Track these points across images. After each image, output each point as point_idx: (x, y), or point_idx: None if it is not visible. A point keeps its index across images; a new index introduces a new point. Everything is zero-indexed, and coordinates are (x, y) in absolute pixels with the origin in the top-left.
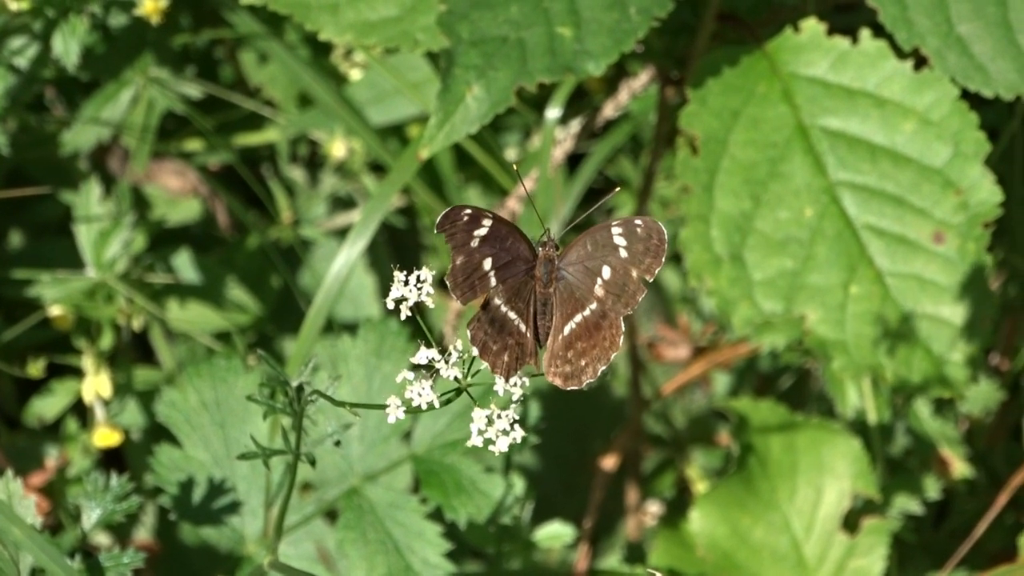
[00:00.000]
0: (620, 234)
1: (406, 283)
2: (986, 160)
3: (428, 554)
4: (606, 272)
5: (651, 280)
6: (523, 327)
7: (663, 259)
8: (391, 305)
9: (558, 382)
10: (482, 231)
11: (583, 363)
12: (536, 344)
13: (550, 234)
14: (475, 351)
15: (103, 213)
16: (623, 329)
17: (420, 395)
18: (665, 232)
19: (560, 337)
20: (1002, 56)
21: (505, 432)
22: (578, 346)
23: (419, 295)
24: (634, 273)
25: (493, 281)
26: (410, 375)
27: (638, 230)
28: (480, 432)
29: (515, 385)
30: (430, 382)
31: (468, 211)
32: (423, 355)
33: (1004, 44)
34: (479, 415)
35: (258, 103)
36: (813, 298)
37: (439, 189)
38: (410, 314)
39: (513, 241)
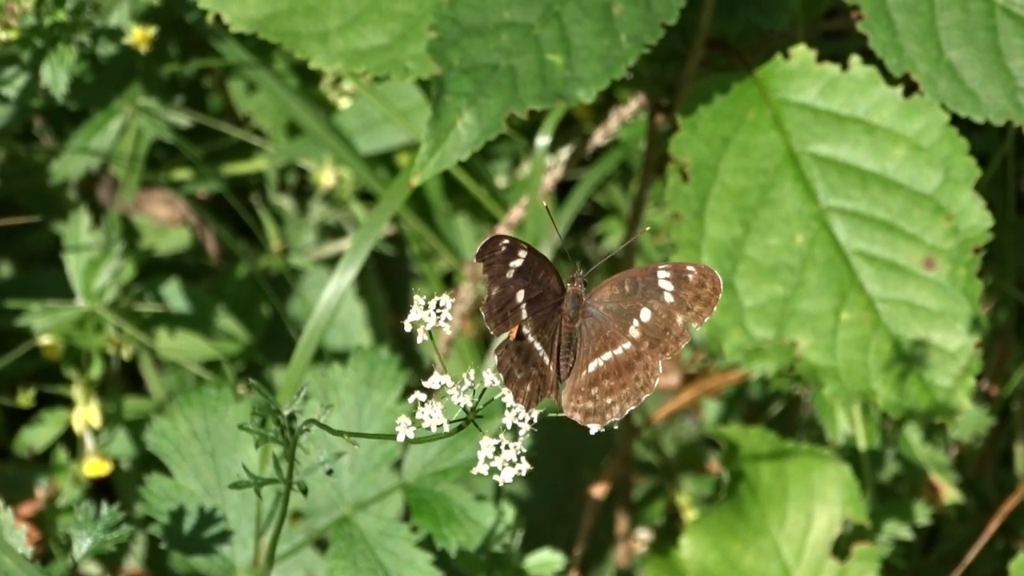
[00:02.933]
0: (667, 278)
1: (426, 307)
2: (976, 185)
3: None
4: (645, 315)
5: (698, 328)
6: (547, 359)
7: (714, 308)
8: (408, 328)
9: (577, 417)
10: (517, 262)
11: (609, 401)
12: (557, 378)
13: (580, 271)
14: (501, 378)
15: (92, 243)
16: (659, 372)
17: (431, 417)
18: (720, 280)
19: (584, 373)
20: (992, 82)
21: (511, 463)
22: (605, 384)
23: (438, 320)
24: (679, 319)
25: (524, 314)
26: (422, 396)
27: (690, 277)
28: (487, 460)
29: (523, 420)
30: (441, 405)
31: (506, 241)
32: (436, 380)
33: (994, 70)
34: (487, 443)
35: (247, 132)
36: (804, 324)
37: (428, 217)
38: (427, 338)
39: (544, 274)
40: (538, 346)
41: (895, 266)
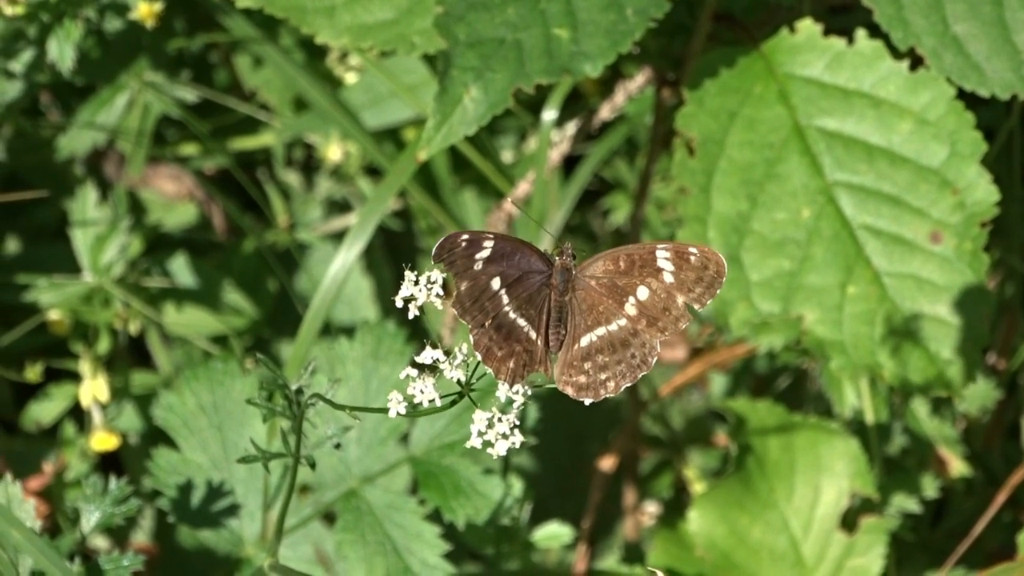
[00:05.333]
0: (667, 258)
1: (416, 283)
2: (983, 159)
3: (427, 555)
4: (642, 292)
5: (700, 310)
6: (533, 334)
7: (717, 290)
8: (400, 303)
9: (570, 391)
10: (484, 252)
11: (603, 376)
12: (547, 352)
13: (568, 244)
14: (479, 356)
15: (99, 218)
16: (657, 351)
17: (423, 392)
18: (724, 264)
19: (577, 347)
20: (998, 56)
21: (504, 436)
22: (599, 359)
23: (428, 296)
24: (680, 299)
25: (505, 299)
26: (413, 372)
27: (692, 258)
28: (480, 434)
29: (516, 392)
30: (432, 380)
31: (465, 236)
32: (427, 355)
33: (1000, 44)
34: (480, 417)
35: (253, 107)
36: (810, 298)
37: (435, 192)
38: (418, 313)
39: (521, 255)
40: (521, 321)
41: (901, 240)
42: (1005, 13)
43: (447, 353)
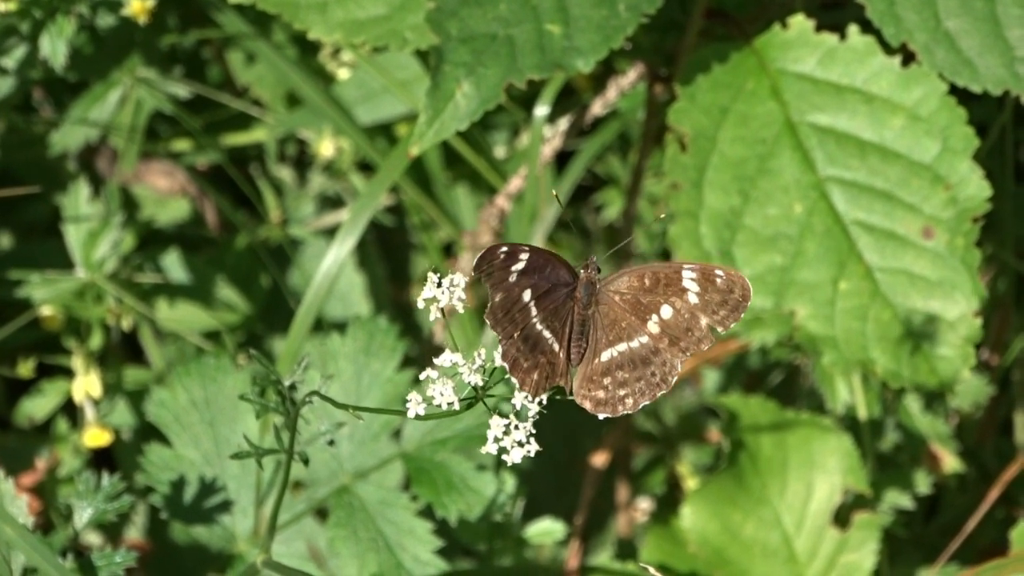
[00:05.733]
0: (693, 279)
1: (439, 285)
2: (975, 155)
3: (419, 551)
4: (666, 312)
5: (723, 332)
6: (556, 346)
7: (741, 315)
8: (421, 304)
9: (588, 405)
10: (520, 264)
11: (622, 393)
12: (568, 364)
13: (593, 257)
14: (506, 366)
15: (92, 213)
16: (678, 370)
17: (442, 395)
18: (751, 289)
19: (597, 361)
20: (990, 51)
21: (520, 444)
22: (618, 375)
23: (451, 298)
24: (703, 321)
25: (534, 311)
26: (433, 373)
27: (718, 280)
28: (496, 440)
29: (533, 400)
30: (452, 383)
31: (504, 249)
32: (447, 358)
33: (992, 39)
34: (497, 423)
35: (246, 103)
36: (802, 294)
37: (427, 188)
38: (440, 315)
39: (552, 268)
40: (547, 334)
41: (894, 235)
42: (997, 9)
43: (464, 358)
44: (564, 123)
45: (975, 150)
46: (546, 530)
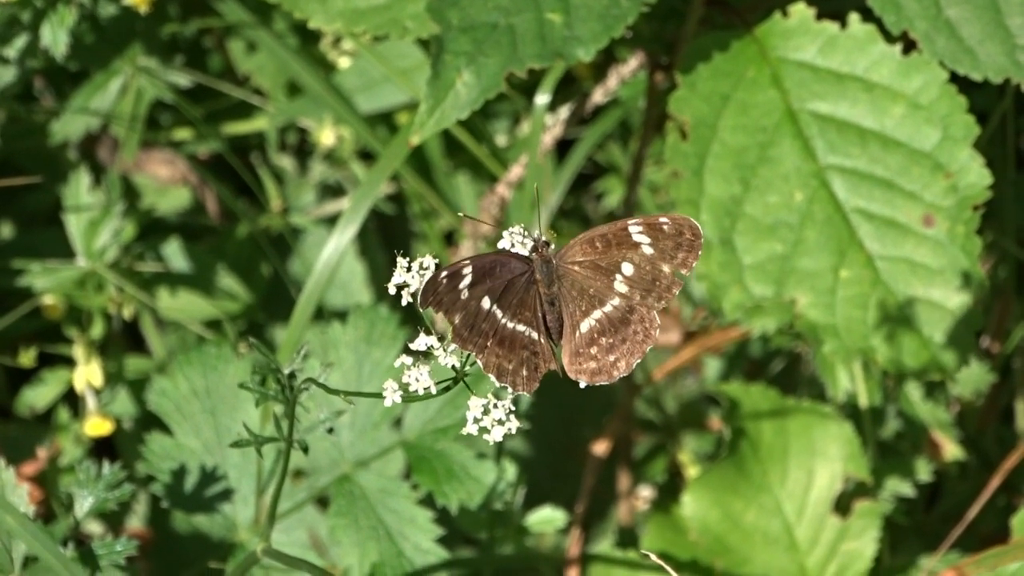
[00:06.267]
0: (641, 232)
1: (409, 269)
2: (975, 143)
3: (420, 540)
4: (627, 269)
5: (687, 274)
6: (535, 335)
7: (699, 252)
8: (392, 291)
9: (583, 379)
10: (466, 280)
11: (612, 358)
12: (552, 347)
13: (541, 236)
14: (492, 378)
15: (93, 203)
16: (657, 322)
17: (417, 380)
18: (698, 225)
19: (578, 334)
20: (991, 39)
21: (500, 422)
22: (603, 342)
23: (421, 282)
24: (666, 268)
25: (499, 313)
26: (408, 359)
27: (665, 227)
28: (476, 420)
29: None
30: (427, 368)
31: (444, 272)
32: (422, 341)
33: (992, 27)
34: (475, 403)
35: (247, 92)
36: (803, 282)
37: (428, 176)
38: (411, 300)
39: (501, 266)
40: (520, 327)
41: (894, 223)
42: None
43: (441, 339)
44: (565, 111)
45: (975, 138)
46: (547, 518)
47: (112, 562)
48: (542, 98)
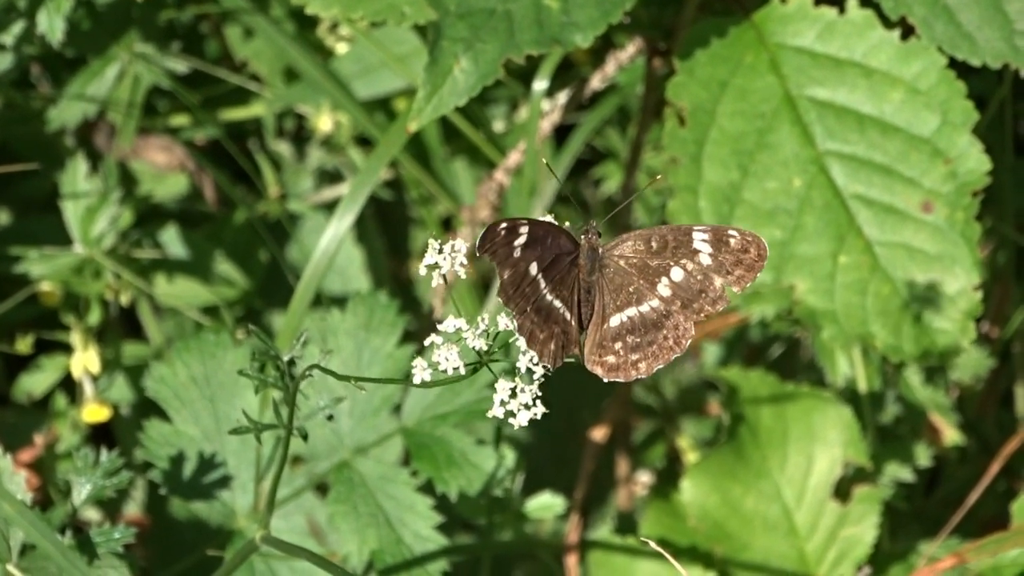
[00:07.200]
0: (705, 240)
1: (440, 251)
2: (974, 129)
3: (419, 527)
4: (677, 274)
5: (739, 292)
6: (568, 315)
7: (758, 273)
8: (423, 271)
9: (599, 371)
10: (521, 239)
11: (635, 358)
12: (578, 332)
13: (593, 223)
14: (522, 341)
15: (90, 189)
16: (691, 333)
17: (447, 360)
18: (767, 247)
19: (607, 327)
20: (989, 25)
21: (527, 406)
22: (629, 340)
23: (453, 264)
24: (717, 282)
25: (542, 283)
26: (438, 339)
27: (732, 240)
28: (502, 403)
29: (536, 363)
30: (457, 349)
31: (504, 224)
32: (451, 323)
33: (991, 12)
34: (503, 387)
35: (244, 78)
36: (802, 268)
37: (426, 162)
38: (442, 281)
39: (552, 238)
40: (557, 303)
41: (893, 209)
42: None
43: (468, 323)
44: (563, 97)
45: (974, 124)
46: (546, 504)
47: (110, 549)
48: (540, 84)
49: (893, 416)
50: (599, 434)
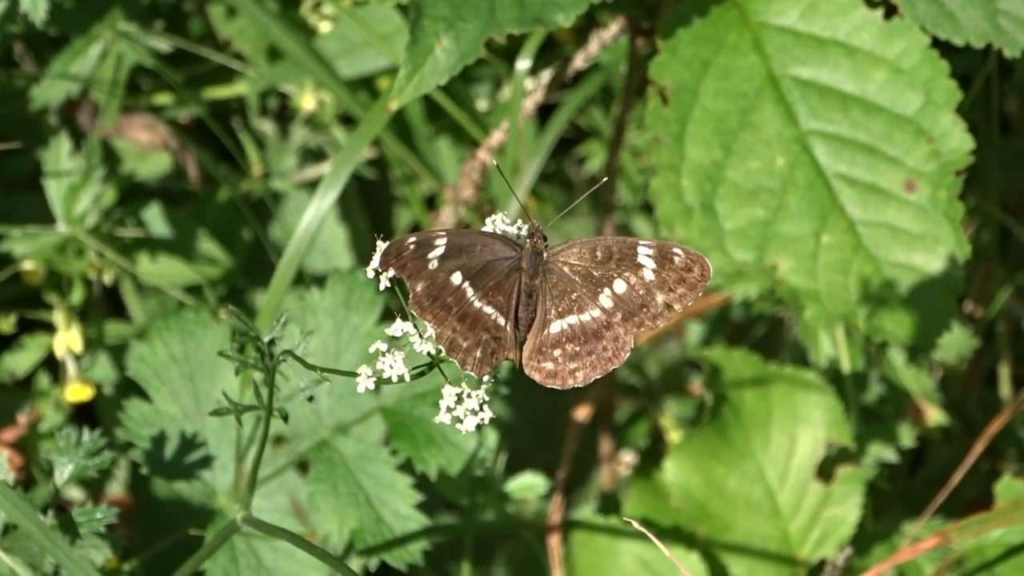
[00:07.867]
0: (649, 255)
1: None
2: (958, 108)
3: (399, 506)
4: (619, 286)
5: (679, 310)
6: (501, 320)
7: (700, 293)
8: (371, 275)
9: (536, 377)
10: (437, 251)
11: (572, 366)
12: (516, 336)
13: (538, 226)
14: (443, 350)
15: (73, 168)
16: (631, 345)
17: (392, 367)
18: (711, 268)
19: (547, 332)
20: (971, 4)
21: (474, 412)
22: (568, 348)
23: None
24: (659, 298)
25: (469, 291)
26: (383, 346)
27: (676, 259)
28: (449, 409)
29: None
30: (402, 354)
31: (412, 239)
32: (398, 327)
33: None
34: (449, 392)
35: (227, 56)
36: (785, 247)
37: (409, 141)
38: (388, 285)
39: (482, 246)
40: (488, 309)
41: (876, 189)
42: None
43: (416, 327)
44: (546, 76)
45: (958, 103)
46: (528, 484)
47: (92, 529)
48: (523, 63)
49: (876, 396)
50: (582, 414)
